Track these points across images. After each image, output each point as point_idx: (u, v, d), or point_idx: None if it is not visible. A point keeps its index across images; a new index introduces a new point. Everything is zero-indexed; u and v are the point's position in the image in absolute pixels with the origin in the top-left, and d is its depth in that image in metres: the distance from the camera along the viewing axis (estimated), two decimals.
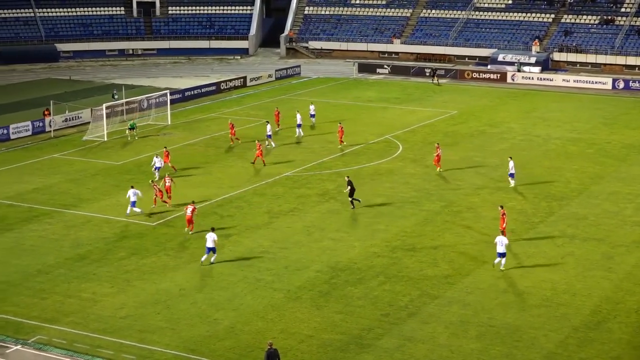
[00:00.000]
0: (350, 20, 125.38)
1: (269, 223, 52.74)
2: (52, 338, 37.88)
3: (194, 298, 41.98)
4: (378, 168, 64.62)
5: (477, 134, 76.06)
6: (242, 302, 41.56)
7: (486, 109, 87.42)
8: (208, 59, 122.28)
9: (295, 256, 47.25)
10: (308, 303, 41.38)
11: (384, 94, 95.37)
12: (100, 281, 44.04)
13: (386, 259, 46.81)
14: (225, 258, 46.96)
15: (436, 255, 47.34)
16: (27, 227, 52.30)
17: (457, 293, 42.45)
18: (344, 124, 72.45)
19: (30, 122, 77.24)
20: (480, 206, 55.48)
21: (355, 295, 42.24)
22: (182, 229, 51.51)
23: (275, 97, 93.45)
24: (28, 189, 59.77)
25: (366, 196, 57.52)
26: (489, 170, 63.95)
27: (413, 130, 77.04)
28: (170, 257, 47.29)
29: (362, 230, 51.45)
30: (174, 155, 65.92)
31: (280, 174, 62.69)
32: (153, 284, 43.68)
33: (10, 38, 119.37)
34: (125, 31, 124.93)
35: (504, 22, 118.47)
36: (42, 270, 45.48)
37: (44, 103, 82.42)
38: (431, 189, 59.33)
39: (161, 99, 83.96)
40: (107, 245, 49.17)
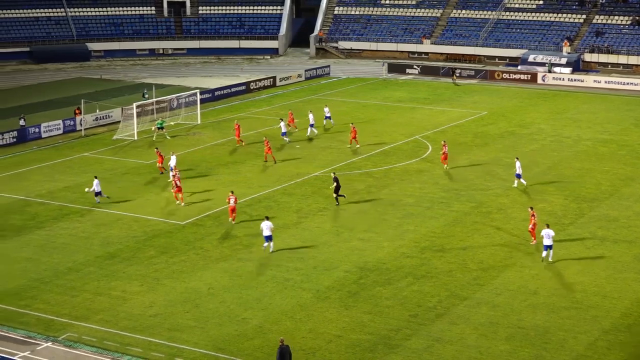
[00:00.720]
0: (380, 21, 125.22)
1: (298, 223, 52.78)
2: (82, 335, 38.11)
3: (222, 297, 42.09)
4: (407, 168, 64.51)
5: (507, 134, 75.74)
6: (270, 301, 41.62)
7: (516, 109, 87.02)
8: (238, 58, 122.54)
9: (324, 256, 47.26)
10: (337, 303, 41.38)
11: (414, 94, 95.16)
12: (130, 279, 44.26)
13: (415, 260, 46.72)
14: (253, 258, 47.06)
15: (465, 256, 47.18)
16: (57, 225, 52.65)
17: (486, 294, 42.29)
18: (377, 125, 72.32)
19: (62, 120, 77.77)
20: (510, 207, 55.23)
21: (383, 295, 42.19)
22: (211, 228, 51.68)
23: (305, 97, 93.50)
24: (59, 187, 60.18)
25: (395, 196, 57.49)
26: None
27: (443, 130, 76.82)
28: (199, 256, 47.44)
29: (391, 230, 51.38)
30: (204, 154, 66.06)
31: (309, 174, 62.72)
32: (182, 282, 43.84)
33: (42, 37, 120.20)
34: (156, 31, 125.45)
35: (535, 23, 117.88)
36: (72, 268, 45.77)
37: (75, 102, 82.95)
38: (461, 189, 59.15)
39: (191, 99, 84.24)
40: (136, 243, 49.40)
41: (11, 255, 47.85)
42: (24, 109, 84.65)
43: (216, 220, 53.00)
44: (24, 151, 71.18)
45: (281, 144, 71.37)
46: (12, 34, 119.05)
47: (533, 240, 48.66)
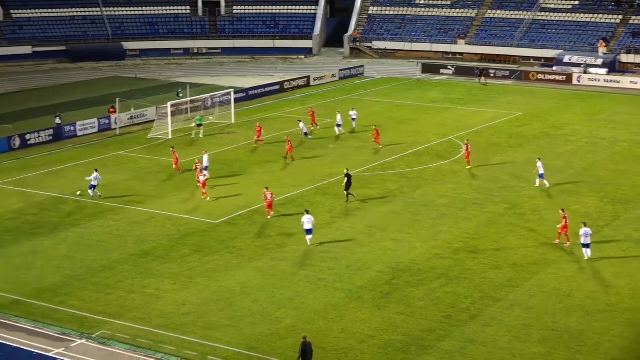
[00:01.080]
0: (415, 21, 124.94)
1: (331, 223, 52.78)
2: (116, 333, 38.33)
3: (255, 296, 42.17)
4: (441, 169, 64.32)
5: (541, 135, 75.31)
6: (303, 301, 41.65)
7: (551, 110, 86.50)
8: (272, 58, 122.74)
9: (356, 256, 47.22)
10: (369, 303, 41.33)
11: (448, 95, 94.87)
12: (164, 278, 44.46)
13: (448, 261, 46.57)
14: (287, 257, 47.13)
15: (499, 257, 46.97)
16: (92, 222, 53.00)
17: (520, 296, 42.07)
18: (411, 125, 72.17)
19: (97, 119, 78.28)
20: (544, 209, 54.90)
21: (416, 296, 42.09)
22: (244, 227, 51.81)
23: (338, 97, 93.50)
24: None
25: (429, 197, 57.35)
26: (553, 172, 63.22)
27: (477, 131, 76.52)
28: (232, 255, 47.56)
29: (425, 231, 51.25)
30: (238, 153, 66.20)
31: (343, 174, 62.61)
32: (216, 281, 43.97)
33: (78, 36, 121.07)
34: (191, 30, 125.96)
35: (570, 23, 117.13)
36: (106, 266, 46.06)
37: (110, 101, 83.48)
38: (495, 190, 58.88)
39: (225, 98, 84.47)
40: (170, 242, 49.62)
41: (47, 252, 48.24)
42: (60, 107, 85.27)
43: (249, 220, 53.11)
44: (59, 149, 71.73)
45: (310, 143, 71.42)
46: (49, 33, 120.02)
47: (567, 242, 48.38)
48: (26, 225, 52.67)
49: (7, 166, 65.24)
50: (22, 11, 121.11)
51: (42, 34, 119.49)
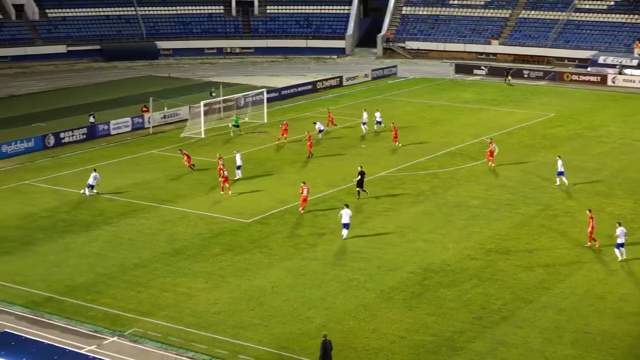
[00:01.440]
0: (448, 21, 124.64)
1: (363, 223, 52.72)
2: (148, 331, 38.49)
3: (286, 296, 42.21)
4: (473, 170, 64.09)
5: (575, 137, 74.85)
6: (334, 301, 41.63)
7: (585, 111, 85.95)
8: (305, 58, 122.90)
9: (388, 256, 47.15)
10: (400, 304, 41.25)
11: (481, 95, 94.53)
12: (195, 276, 44.61)
13: (480, 262, 46.39)
14: (318, 257, 47.13)
15: (531, 259, 46.72)
16: (124, 221, 53.28)
17: (552, 298, 41.83)
18: (443, 126, 71.94)
19: (130, 118, 78.73)
20: (577, 210, 54.53)
21: (447, 297, 41.95)
22: (276, 227, 51.88)
23: (371, 97, 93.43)
24: (126, 184, 60.91)
25: (461, 198, 57.17)
26: (587, 173, 62.88)
27: (510, 132, 76.18)
28: (264, 254, 47.64)
29: (456, 232, 51.08)
30: (270, 153, 66.28)
31: (375, 174, 62.62)
32: (247, 280, 44.06)
33: (112, 36, 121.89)
34: (224, 30, 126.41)
35: (605, 24, 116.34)
36: (138, 264, 46.28)
37: (144, 100, 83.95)
38: (527, 192, 58.58)
39: (258, 97, 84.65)
40: (202, 241, 49.78)
41: (80, 250, 48.56)
42: (94, 106, 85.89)
43: (281, 219, 53.19)
44: (93, 148, 72.21)
45: (341, 143, 71.49)
46: (84, 32, 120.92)
47: (596, 244, 48.07)
48: (59, 223, 53.06)
49: (42, 164, 65.73)
50: (57, 10, 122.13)
51: (77, 33, 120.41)
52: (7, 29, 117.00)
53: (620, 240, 46.16)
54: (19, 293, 42.60)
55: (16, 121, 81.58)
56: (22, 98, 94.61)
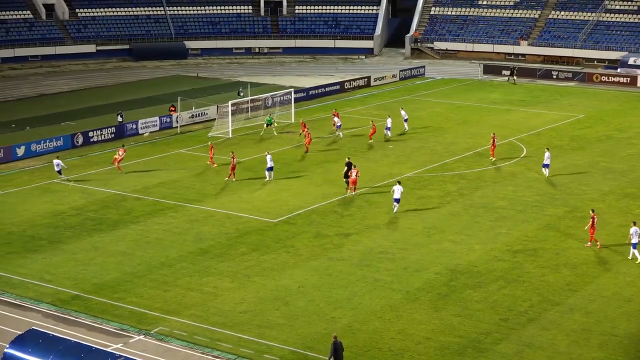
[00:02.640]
0: (477, 21, 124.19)
1: (389, 223, 52.64)
2: (174, 330, 38.61)
3: (312, 296, 42.19)
4: (501, 171, 63.82)
5: (604, 138, 74.36)
6: (360, 301, 41.58)
7: (614, 113, 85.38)
8: (333, 58, 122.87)
9: (414, 257, 47.04)
10: (426, 305, 41.13)
11: (509, 96, 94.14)
12: (221, 276, 44.68)
13: (507, 263, 46.18)
14: (344, 257, 47.08)
15: (558, 261, 46.45)
16: (152, 220, 53.47)
17: (579, 300, 41.56)
18: (471, 127, 71.65)
19: (158, 117, 78.97)
20: (605, 212, 54.16)
21: (474, 298, 41.79)
22: (302, 227, 51.89)
23: (399, 97, 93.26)
24: (154, 183, 61.11)
25: (488, 199, 56.94)
26: (616, 175, 62.45)
27: (538, 133, 75.80)
28: (290, 254, 47.65)
29: (483, 233, 50.88)
30: (297, 153, 66.26)
31: (402, 175, 62.49)
32: (273, 280, 44.09)
33: (141, 35, 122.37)
34: (252, 30, 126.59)
35: (636, 25, 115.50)
36: (165, 263, 46.42)
37: (172, 99, 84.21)
38: (555, 193, 58.26)
39: (285, 97, 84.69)
40: (228, 240, 49.86)
41: (107, 248, 48.77)
42: (123, 105, 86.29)
43: (307, 219, 53.18)
44: None
45: (377, 144, 71.46)
46: (113, 31, 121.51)
47: (597, 245, 47.87)
48: (87, 221, 53.33)
49: (70, 163, 66.09)
50: (87, 10, 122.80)
51: (106, 32, 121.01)
52: (38, 28, 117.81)
53: (634, 240, 46.03)
54: (47, 291, 42.86)
55: (46, 120, 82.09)
56: (52, 97, 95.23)
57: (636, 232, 46.04)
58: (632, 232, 46.14)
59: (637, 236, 46.02)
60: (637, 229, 46.16)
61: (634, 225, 46.33)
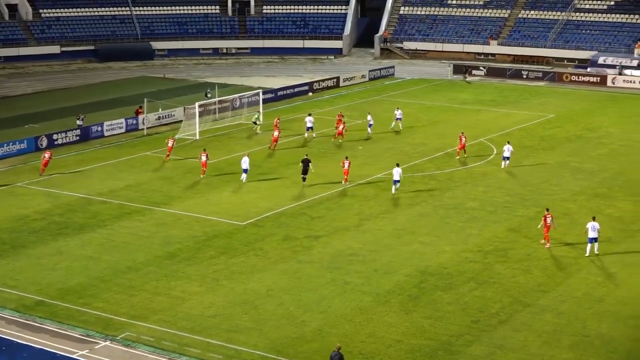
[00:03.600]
0: (446, 21, 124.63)
1: (359, 225, 52.67)
2: (141, 335, 38.40)
3: (281, 299, 42.13)
4: (471, 171, 64.04)
5: (574, 138, 74.83)
6: (330, 304, 41.55)
7: (585, 112, 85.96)
8: (301, 58, 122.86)
9: (384, 259, 47.08)
10: (397, 307, 41.18)
11: (479, 96, 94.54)
12: (189, 279, 44.51)
13: (478, 265, 46.33)
14: (313, 260, 47.04)
15: (529, 262, 46.66)
16: (118, 223, 53.17)
17: (550, 301, 41.78)
18: (441, 127, 71.90)
19: (124, 119, 78.57)
20: (576, 213, 54.50)
21: (445, 300, 41.89)
22: (271, 229, 51.80)
23: (368, 98, 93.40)
24: (120, 186, 60.79)
25: (459, 200, 57.12)
26: (586, 175, 62.87)
27: (508, 133, 76.13)
28: (259, 257, 47.55)
29: (454, 234, 51.02)
30: (265, 155, 66.26)
31: (372, 176, 62.56)
32: (241, 283, 43.98)
33: (107, 36, 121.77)
34: (220, 30, 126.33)
35: (605, 24, 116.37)
36: (132, 267, 46.17)
37: (138, 101, 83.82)
38: (526, 194, 58.54)
39: (253, 98, 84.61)
40: (196, 243, 49.68)
41: (73, 253, 48.43)
42: (88, 107, 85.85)
43: (276, 222, 53.10)
44: (86, 149, 72.05)
45: (337, 144, 71.51)
46: (78, 32, 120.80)
47: (547, 244, 48.42)
48: (52, 225, 52.94)
49: (35, 166, 65.61)
50: (51, 10, 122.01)
51: (71, 33, 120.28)
52: (0, 29, 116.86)
53: (590, 234, 46.79)
54: (10, 297, 42.48)
55: (9, 123, 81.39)
56: (15, 99, 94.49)
57: (593, 228, 46.68)
58: (588, 226, 46.88)
59: (595, 231, 46.67)
60: (595, 224, 46.77)
61: (593, 220, 47.07)
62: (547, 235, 48.69)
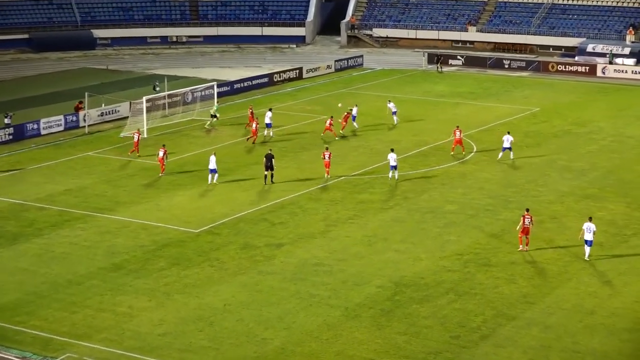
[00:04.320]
0: (420, 5, 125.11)
1: (326, 232, 52.74)
2: (83, 356, 38.22)
3: (240, 314, 42.09)
4: (449, 171, 64.32)
5: (561, 133, 75.36)
6: (294, 320, 41.57)
7: (573, 106, 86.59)
8: (260, 47, 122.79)
9: (354, 269, 47.16)
10: (368, 322, 41.27)
11: (457, 88, 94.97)
12: (137, 294, 44.37)
13: (457, 274, 46.52)
14: (275, 270, 47.04)
15: (514, 270, 46.92)
16: (57, 232, 52.90)
17: (537, 314, 42.03)
18: (416, 123, 72.12)
19: (63, 116, 78.14)
20: (564, 215, 54.90)
21: (421, 314, 42.03)
22: (228, 237, 51.79)
23: (334, 91, 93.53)
24: (59, 191, 60.49)
25: (436, 203, 57.32)
26: (575, 174, 63.33)
27: (489, 129, 76.55)
28: (214, 268, 47.49)
29: (431, 241, 51.21)
30: (221, 154, 66.18)
31: (339, 177, 62.67)
32: (195, 298, 43.90)
33: (42, 23, 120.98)
34: (169, 16, 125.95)
35: (595, 8, 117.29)
36: (73, 281, 45.95)
37: (79, 95, 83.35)
38: (509, 195, 58.88)
39: (207, 92, 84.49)
40: (145, 254, 49.54)
41: (6, 265, 48.11)
42: (22, 102, 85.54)
43: (234, 229, 53.07)
44: (21, 150, 71.61)
45: (304, 142, 71.55)
46: (10, 19, 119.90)
47: (521, 247, 49.06)
48: None
49: None
50: None
51: (2, 20, 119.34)
52: None
53: (586, 236, 47.49)
54: None
55: None
56: None
57: (588, 229, 47.23)
58: (584, 227, 47.42)
59: (591, 233, 47.25)
60: (591, 226, 47.32)
61: (589, 221, 47.54)
62: (522, 237, 49.01)
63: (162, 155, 63.32)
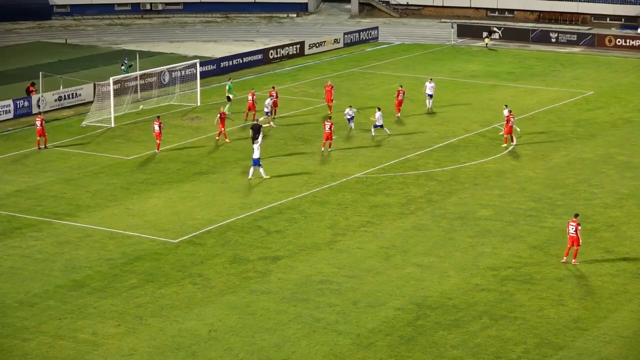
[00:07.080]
0: None
1: (333, 242, 52.84)
2: None
3: (228, 343, 42.22)
4: (483, 168, 64.42)
5: (621, 122, 75.44)
6: (294, 349, 41.69)
7: (634, 88, 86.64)
8: (252, 17, 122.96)
9: (367, 288, 47.26)
10: (385, 352, 41.38)
11: (493, 67, 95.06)
12: (103, 317, 44.48)
13: (493, 294, 46.61)
14: (271, 289, 47.18)
15: (562, 290, 47.00)
16: (4, 243, 53.02)
17: (591, 342, 42.10)
18: (442, 109, 72.12)
19: (12, 100, 78.23)
20: (624, 223, 54.97)
21: (449, 342, 42.13)
22: (213, 249, 51.90)
23: (343, 70, 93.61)
24: (8, 192, 60.66)
25: (466, 207, 57.41)
26: (637, 173, 63.38)
27: (532, 116, 76.63)
28: (197, 286, 47.61)
29: (460, 253, 51.30)
30: (206, 148, 66.33)
31: (349, 176, 62.78)
32: (174, 322, 44.02)
33: None
34: None
35: None
36: (24, 302, 46.05)
37: (32, 76, 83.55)
38: (556, 198, 58.98)
39: (188, 72, 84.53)
40: (112, 269, 49.67)
41: None
42: None
43: (220, 238, 53.22)
44: None
45: (305, 135, 71.71)
46: None
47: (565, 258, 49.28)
48: None
49: None
50: None
51: None
52: None
53: None
54: None
55: None
56: None
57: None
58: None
59: None
60: None
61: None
62: (570, 249, 49.00)
63: (158, 130, 66.24)
